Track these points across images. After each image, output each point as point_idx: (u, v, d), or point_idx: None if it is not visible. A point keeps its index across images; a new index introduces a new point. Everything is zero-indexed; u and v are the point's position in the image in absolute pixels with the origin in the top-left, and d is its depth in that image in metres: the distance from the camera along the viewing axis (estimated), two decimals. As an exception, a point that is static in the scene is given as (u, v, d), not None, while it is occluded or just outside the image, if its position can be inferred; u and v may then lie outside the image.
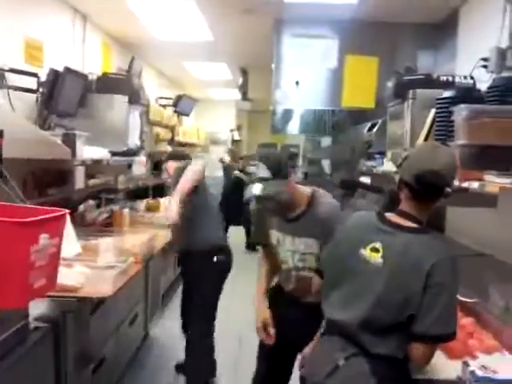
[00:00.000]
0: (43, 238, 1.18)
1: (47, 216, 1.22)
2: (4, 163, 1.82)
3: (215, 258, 3.04)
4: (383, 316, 1.57)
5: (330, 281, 1.79)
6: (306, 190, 2.14)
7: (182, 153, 3.74)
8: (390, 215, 1.69)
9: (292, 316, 2.18)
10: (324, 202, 2.09)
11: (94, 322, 2.57)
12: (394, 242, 1.59)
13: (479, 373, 1.51)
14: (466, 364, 1.56)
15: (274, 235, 2.19)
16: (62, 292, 2.12)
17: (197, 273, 3.06)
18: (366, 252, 1.64)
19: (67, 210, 1.34)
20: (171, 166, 3.34)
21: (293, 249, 2.12)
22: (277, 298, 2.30)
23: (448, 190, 1.58)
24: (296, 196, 2.08)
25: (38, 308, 2.01)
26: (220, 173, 9.86)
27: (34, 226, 1.16)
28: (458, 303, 1.56)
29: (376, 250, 1.62)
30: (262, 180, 1.97)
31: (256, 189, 1.96)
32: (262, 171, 1.99)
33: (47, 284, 1.29)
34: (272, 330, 2.16)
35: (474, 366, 1.57)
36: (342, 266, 1.72)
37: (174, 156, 3.52)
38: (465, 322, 2.04)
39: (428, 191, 1.60)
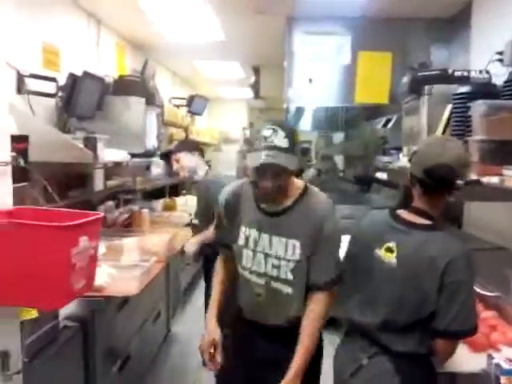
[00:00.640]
0: (83, 241, 1.23)
1: (86, 219, 1.27)
2: (35, 169, 1.87)
3: None
4: (402, 316, 1.59)
5: (349, 282, 1.79)
6: (299, 181, 1.80)
7: (192, 143, 3.58)
8: (402, 212, 1.69)
9: (258, 350, 1.80)
10: (320, 199, 1.75)
11: (119, 320, 2.64)
12: (408, 242, 1.60)
13: (504, 365, 1.53)
14: (490, 357, 1.58)
15: (244, 233, 1.78)
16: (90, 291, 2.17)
17: None
18: (381, 252, 1.66)
19: (102, 213, 1.39)
20: (183, 157, 3.22)
21: (267, 251, 1.73)
22: (235, 324, 1.91)
23: (459, 182, 1.58)
24: (289, 183, 1.73)
25: (67, 307, 2.06)
26: (233, 172, 9.95)
27: (75, 230, 1.21)
28: (475, 298, 1.58)
29: (390, 250, 1.63)
30: (275, 149, 1.58)
31: (269, 157, 1.56)
32: (280, 139, 1.60)
33: (86, 285, 1.34)
34: (219, 358, 1.78)
35: (498, 358, 1.59)
36: (359, 267, 1.75)
37: (184, 146, 3.34)
38: (487, 315, 2.06)
39: (439, 185, 1.59)
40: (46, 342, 1.95)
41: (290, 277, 1.70)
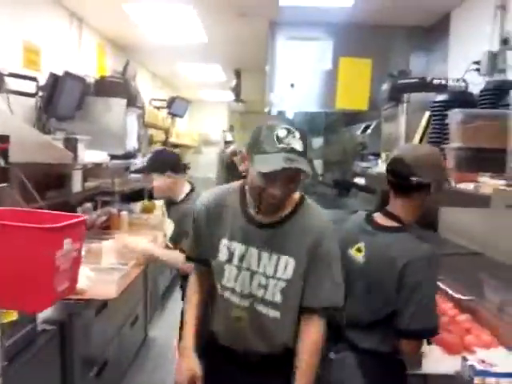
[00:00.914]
0: (67, 243, 1.22)
1: (71, 221, 1.27)
2: (12, 168, 1.85)
3: None
4: (366, 314, 1.66)
5: None
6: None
7: (166, 162, 2.59)
8: (377, 216, 1.75)
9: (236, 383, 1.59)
10: (318, 212, 1.59)
11: (97, 324, 2.62)
12: (375, 243, 1.67)
13: (478, 367, 1.57)
14: (464, 359, 1.62)
15: (227, 247, 1.54)
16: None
17: None
18: (352, 252, 1.73)
19: (85, 216, 1.38)
20: (157, 181, 2.55)
21: (254, 268, 1.51)
22: (207, 352, 1.65)
23: (413, 179, 1.60)
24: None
25: (45, 311, 2.04)
26: (212, 174, 9.94)
27: (59, 232, 1.20)
28: (435, 299, 1.61)
29: (359, 250, 1.71)
30: (294, 152, 1.36)
31: (290, 161, 1.35)
32: (296, 141, 1.39)
33: (69, 287, 1.33)
34: None
35: (472, 360, 1.63)
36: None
37: (159, 166, 2.57)
38: (461, 318, 2.11)
39: (397, 180, 1.66)
40: (23, 346, 1.92)
41: (278, 298, 1.50)
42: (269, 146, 1.39)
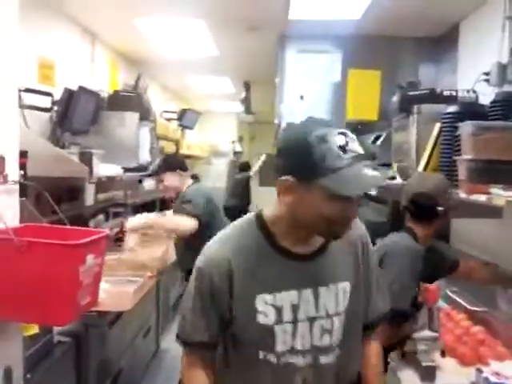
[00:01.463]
0: (89, 259, 1.26)
1: (94, 237, 1.30)
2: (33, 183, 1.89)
3: None
4: None
5: None
6: None
7: (176, 162, 3.37)
8: None
9: None
10: None
11: (112, 335, 2.65)
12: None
13: (493, 379, 1.57)
14: (479, 371, 1.62)
15: (270, 305, 1.18)
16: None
17: None
18: None
19: (107, 231, 1.42)
20: (168, 178, 3.22)
21: (313, 313, 1.20)
22: None
23: (439, 209, 1.83)
24: None
25: (61, 323, 2.07)
26: (222, 184, 9.99)
27: (83, 248, 1.24)
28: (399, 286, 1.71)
29: None
30: (364, 157, 1.14)
31: (375, 173, 1.15)
32: (356, 142, 1.15)
33: (91, 301, 1.37)
34: None
35: (487, 372, 1.63)
36: None
37: (166, 165, 3.28)
38: (475, 330, 2.11)
39: (422, 211, 1.87)
40: (40, 357, 1.96)
41: (341, 337, 1.24)
42: (337, 161, 1.08)
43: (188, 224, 2.96)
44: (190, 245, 3.07)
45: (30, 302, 1.20)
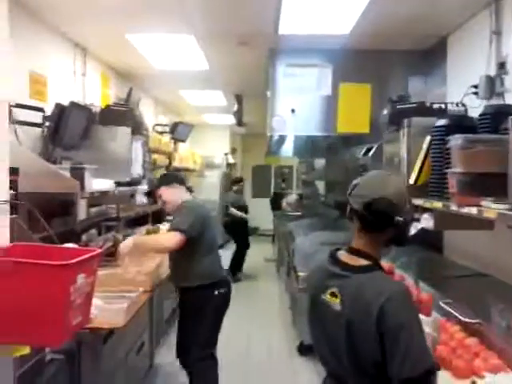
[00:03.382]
0: (80, 278, 1.25)
1: (85, 257, 1.29)
2: (21, 199, 1.88)
3: (216, 292, 3.03)
4: (358, 362, 1.49)
5: (312, 335, 1.71)
6: None
7: (173, 176, 3.44)
8: (341, 254, 1.62)
9: None
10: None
11: (105, 352, 2.62)
12: (349, 287, 1.53)
13: (488, 392, 1.57)
14: (474, 383, 1.62)
15: None
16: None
17: (197, 308, 3.02)
18: (326, 297, 1.58)
19: (100, 250, 1.41)
20: (164, 192, 3.19)
21: None
22: None
23: (398, 219, 1.53)
24: None
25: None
26: (216, 197, 9.99)
27: (74, 268, 1.23)
28: (423, 336, 1.44)
29: (334, 295, 1.55)
30: None
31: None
32: None
33: (83, 320, 1.35)
34: None
35: (481, 385, 1.63)
36: (312, 315, 1.68)
37: (164, 181, 3.28)
38: (469, 342, 2.11)
39: (378, 220, 1.53)
40: (32, 376, 1.93)
41: None
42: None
43: (170, 240, 2.88)
44: (178, 262, 3.07)
45: (20, 323, 1.18)
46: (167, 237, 2.96)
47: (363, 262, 1.55)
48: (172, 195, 3.17)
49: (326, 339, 1.59)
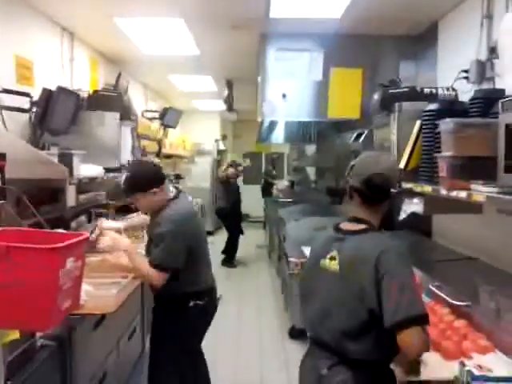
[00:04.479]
0: (70, 262, 1.24)
1: (73, 240, 1.28)
2: (8, 185, 1.86)
3: (191, 303, 2.54)
4: (351, 321, 1.64)
5: (302, 297, 1.89)
6: None
7: (148, 178, 2.51)
8: (344, 224, 1.81)
9: None
10: None
11: (96, 337, 2.62)
12: (346, 247, 1.72)
13: (476, 372, 1.60)
14: (462, 364, 1.64)
15: None
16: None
17: (171, 319, 2.59)
18: (325, 261, 1.76)
19: (87, 234, 1.40)
20: (141, 200, 2.52)
21: None
22: None
23: (393, 191, 1.75)
24: None
25: (44, 327, 2.04)
26: (206, 184, 9.95)
27: (63, 251, 1.22)
28: (415, 287, 1.59)
29: (333, 258, 1.73)
30: None
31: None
32: None
33: (72, 304, 1.34)
34: None
35: (470, 365, 1.66)
36: (309, 281, 1.85)
37: (139, 187, 2.49)
38: (458, 324, 2.13)
39: (376, 193, 1.75)
40: (22, 363, 1.92)
41: None
42: None
43: (158, 281, 2.44)
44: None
45: (9, 307, 1.17)
46: (156, 277, 2.42)
47: (362, 226, 1.75)
48: (150, 203, 2.52)
49: (320, 300, 1.75)
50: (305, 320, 1.87)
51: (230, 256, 7.42)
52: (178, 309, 2.55)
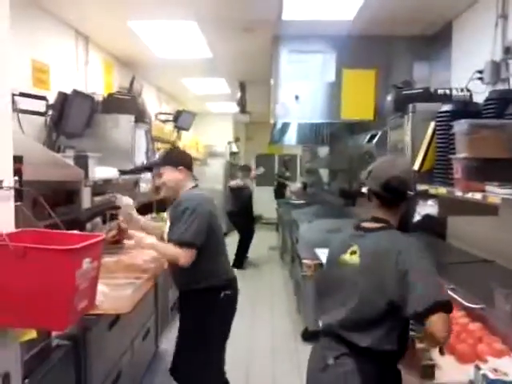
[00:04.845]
0: (86, 263, 1.26)
1: (90, 241, 1.30)
2: (27, 187, 1.89)
3: (222, 294, 2.62)
4: (367, 309, 1.69)
5: (321, 293, 1.96)
6: None
7: (182, 158, 2.83)
8: (364, 223, 1.88)
9: None
10: None
11: (111, 338, 2.64)
12: (368, 242, 1.79)
13: (491, 375, 1.58)
14: (477, 367, 1.63)
15: None
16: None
17: (202, 312, 2.62)
18: (345, 256, 1.83)
19: (104, 235, 1.42)
20: (167, 174, 2.70)
21: None
22: None
23: (410, 193, 1.81)
24: None
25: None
26: (219, 186, 9.97)
27: (79, 252, 1.24)
28: (436, 278, 1.65)
29: (354, 252, 1.81)
30: None
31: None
32: None
33: (88, 305, 1.36)
34: None
35: (485, 369, 1.64)
36: (328, 275, 1.94)
37: (172, 161, 2.75)
38: (473, 327, 2.12)
39: (394, 196, 1.81)
40: (39, 361, 1.95)
41: None
42: None
43: (186, 258, 2.49)
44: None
45: (26, 307, 1.20)
46: (183, 254, 2.49)
47: (382, 224, 1.83)
48: (175, 180, 2.70)
49: (338, 291, 1.82)
50: (320, 311, 1.94)
51: (239, 259, 7.41)
52: (211, 302, 2.62)
